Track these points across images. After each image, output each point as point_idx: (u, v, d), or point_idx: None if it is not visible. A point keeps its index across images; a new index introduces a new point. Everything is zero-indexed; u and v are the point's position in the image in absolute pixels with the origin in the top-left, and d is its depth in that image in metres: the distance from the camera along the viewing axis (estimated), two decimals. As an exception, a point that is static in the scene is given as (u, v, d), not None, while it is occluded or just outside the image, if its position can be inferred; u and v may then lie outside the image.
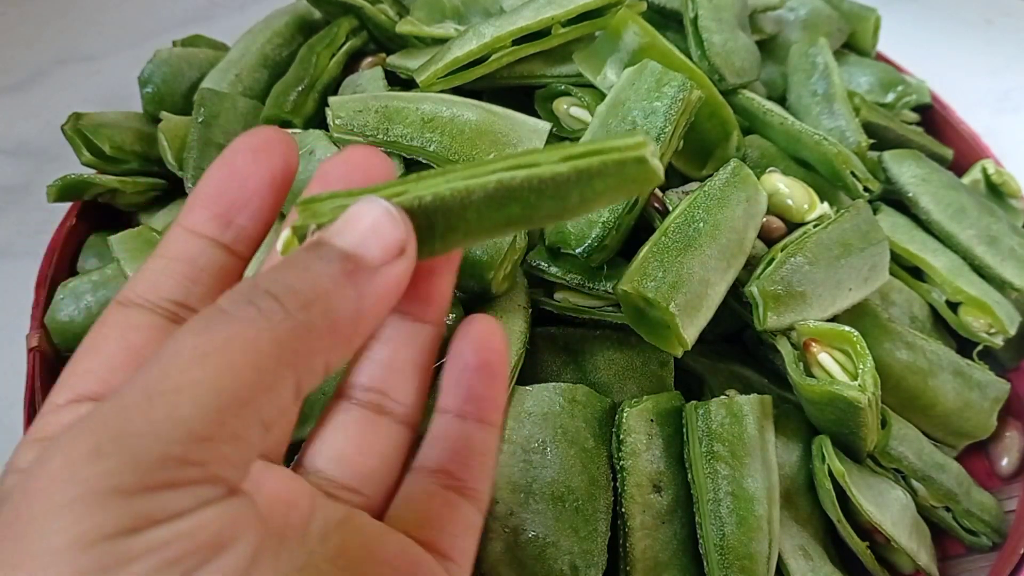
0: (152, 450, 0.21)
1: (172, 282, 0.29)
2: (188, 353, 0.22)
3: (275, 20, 0.75)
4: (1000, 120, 1.01)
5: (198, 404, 0.21)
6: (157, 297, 0.28)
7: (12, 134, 0.93)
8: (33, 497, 0.20)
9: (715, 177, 0.54)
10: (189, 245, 0.29)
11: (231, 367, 0.22)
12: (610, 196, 0.29)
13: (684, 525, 0.49)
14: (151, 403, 0.21)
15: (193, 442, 0.21)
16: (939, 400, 0.58)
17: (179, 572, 0.21)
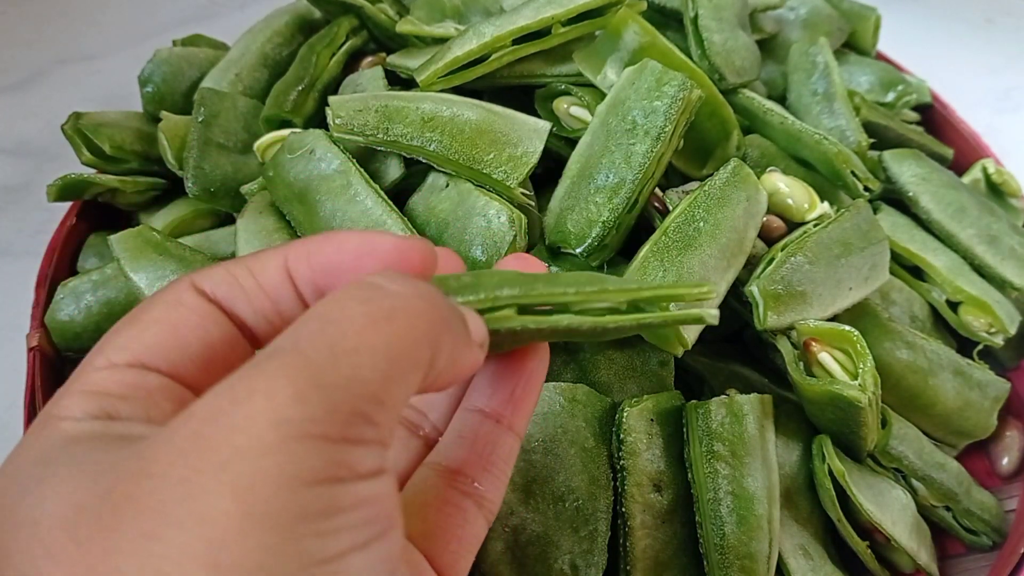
0: (346, 403, 0.21)
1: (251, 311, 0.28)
2: (361, 318, 0.23)
3: (275, 19, 0.75)
4: (1000, 119, 1.01)
5: (376, 368, 0.22)
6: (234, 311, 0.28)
7: (12, 133, 0.93)
8: (230, 432, 0.20)
9: (715, 177, 0.54)
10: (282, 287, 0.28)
11: (399, 338, 0.23)
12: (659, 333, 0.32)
13: (684, 525, 0.49)
14: (336, 360, 0.22)
15: (374, 403, 0.22)
16: (939, 399, 0.58)
17: (373, 532, 0.22)
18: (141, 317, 0.27)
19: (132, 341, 0.26)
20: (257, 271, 0.28)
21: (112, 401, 0.25)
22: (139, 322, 0.27)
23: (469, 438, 0.33)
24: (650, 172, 0.53)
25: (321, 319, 0.23)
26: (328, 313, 0.23)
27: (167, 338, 0.26)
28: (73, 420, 0.24)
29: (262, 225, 0.57)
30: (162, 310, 0.27)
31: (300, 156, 0.56)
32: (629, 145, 0.53)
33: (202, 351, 0.27)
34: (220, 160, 0.63)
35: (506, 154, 0.54)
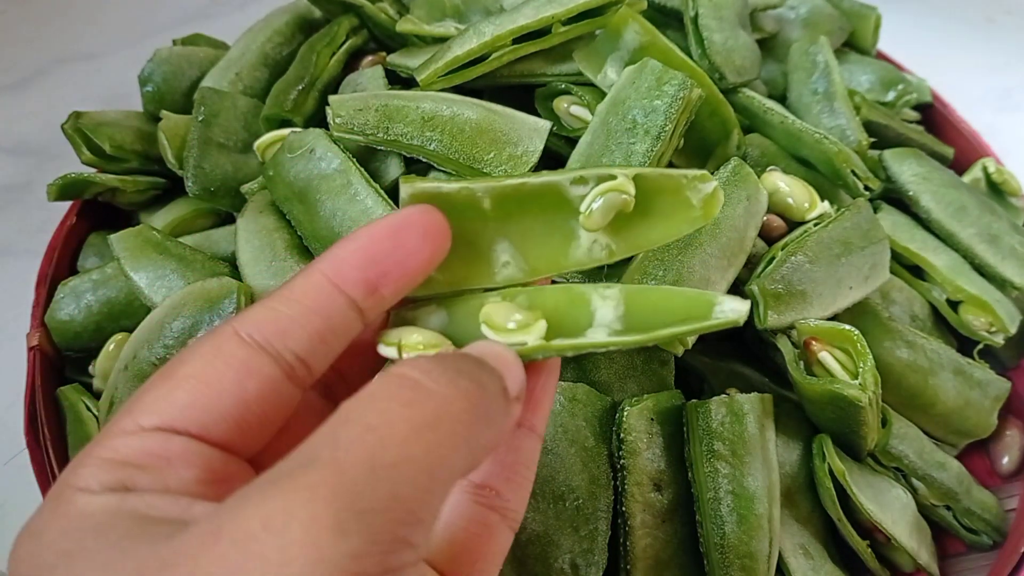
0: (386, 531, 0.21)
1: (304, 335, 0.27)
2: (401, 427, 0.23)
3: (275, 19, 0.75)
4: (1001, 118, 1.01)
5: (416, 484, 0.22)
6: (284, 347, 0.27)
7: (12, 133, 0.93)
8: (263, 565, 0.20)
9: (716, 175, 0.54)
10: (331, 300, 0.28)
11: (440, 448, 0.23)
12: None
13: (684, 524, 0.49)
14: (375, 477, 0.21)
15: (413, 524, 0.22)
16: (940, 399, 0.58)
17: None
18: (176, 372, 0.26)
19: (162, 401, 0.25)
20: (299, 295, 0.28)
21: (130, 472, 0.24)
22: (172, 378, 0.26)
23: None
24: None
25: (361, 424, 0.23)
26: (368, 417, 0.23)
27: (199, 397, 0.25)
28: (89, 494, 0.24)
29: (262, 224, 0.57)
30: (198, 364, 0.26)
31: (300, 155, 0.56)
32: (629, 144, 0.53)
33: (236, 407, 0.26)
34: (220, 159, 0.63)
35: (506, 153, 0.54)
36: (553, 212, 0.34)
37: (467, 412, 0.24)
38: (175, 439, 0.25)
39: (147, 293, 0.56)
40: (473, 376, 0.26)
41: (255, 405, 0.26)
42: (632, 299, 0.32)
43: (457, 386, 0.25)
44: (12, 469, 0.65)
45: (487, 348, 0.29)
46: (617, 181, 0.33)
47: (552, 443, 0.48)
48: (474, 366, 0.26)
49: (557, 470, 0.47)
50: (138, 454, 0.24)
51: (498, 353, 0.29)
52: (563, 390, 0.50)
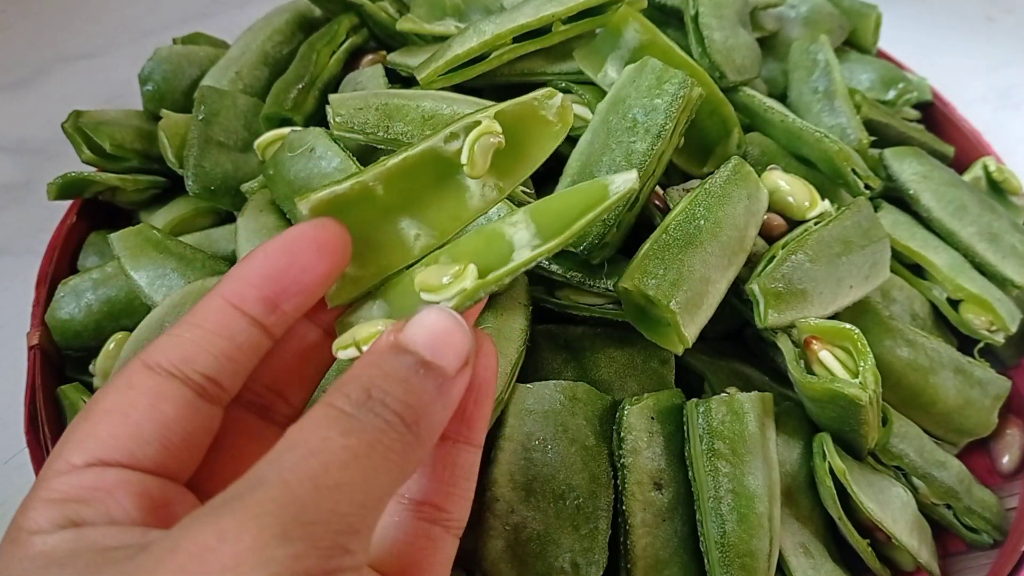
0: (326, 539, 0.23)
1: (210, 358, 0.29)
2: (341, 453, 0.25)
3: (275, 18, 0.75)
4: (1001, 117, 1.01)
5: (353, 502, 0.24)
6: (191, 370, 0.28)
7: (13, 132, 0.93)
8: (220, 571, 0.22)
9: (716, 174, 0.54)
10: (232, 321, 0.30)
11: (375, 471, 0.25)
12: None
13: (685, 522, 0.49)
14: (318, 496, 0.24)
15: (351, 534, 0.24)
16: (940, 398, 0.58)
17: None
18: (93, 409, 0.28)
19: (87, 438, 0.27)
20: (201, 320, 0.29)
21: (74, 507, 0.26)
22: (92, 415, 0.27)
23: (428, 465, 0.33)
24: (651, 170, 0.53)
25: (304, 449, 0.25)
26: (310, 443, 0.25)
27: (120, 427, 0.27)
28: (43, 534, 0.25)
29: (262, 223, 0.57)
30: (112, 399, 0.28)
31: (300, 154, 0.56)
32: (630, 143, 0.53)
33: (157, 431, 0.27)
34: (220, 158, 0.63)
35: (507, 151, 0.54)
36: (439, 174, 0.36)
37: (397, 441, 0.26)
38: (108, 471, 0.26)
39: (147, 292, 0.56)
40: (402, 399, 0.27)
41: (175, 426, 0.28)
42: (538, 214, 0.34)
43: (387, 420, 0.26)
44: (12, 468, 0.65)
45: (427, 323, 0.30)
46: (483, 125, 0.35)
47: (552, 442, 0.48)
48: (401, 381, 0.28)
49: (557, 469, 0.47)
50: (78, 490, 0.26)
51: (437, 328, 0.29)
52: (563, 389, 0.50)
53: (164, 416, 0.28)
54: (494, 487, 0.46)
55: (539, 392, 0.50)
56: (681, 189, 0.56)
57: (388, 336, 0.29)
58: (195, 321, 0.29)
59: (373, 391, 0.27)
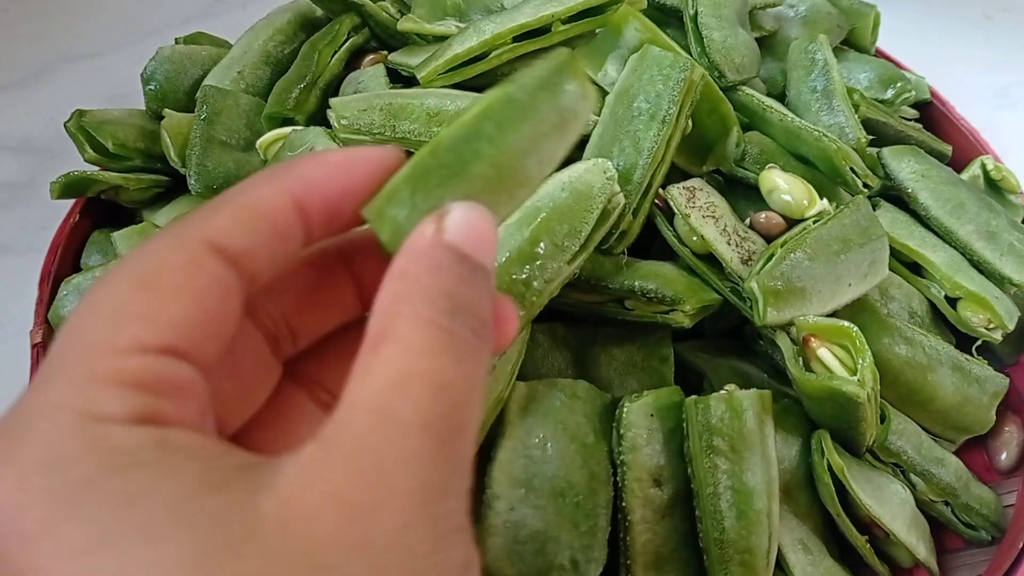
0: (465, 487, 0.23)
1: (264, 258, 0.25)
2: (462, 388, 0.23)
3: (277, 17, 0.75)
4: (999, 116, 1.01)
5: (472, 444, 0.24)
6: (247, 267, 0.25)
7: (16, 131, 0.93)
8: (387, 524, 0.21)
9: (533, 70, 0.49)
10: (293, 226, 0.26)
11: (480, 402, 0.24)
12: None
13: (684, 519, 0.49)
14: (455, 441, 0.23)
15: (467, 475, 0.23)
16: (938, 395, 0.59)
17: None
18: (158, 284, 0.23)
19: (158, 317, 0.23)
20: (267, 212, 0.26)
21: (153, 401, 0.22)
22: (158, 291, 0.23)
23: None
24: (659, 155, 0.54)
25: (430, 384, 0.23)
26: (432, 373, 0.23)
27: (193, 314, 0.23)
28: (121, 425, 0.21)
29: (264, 222, 0.58)
30: (182, 277, 0.23)
31: (300, 153, 0.56)
32: (637, 131, 0.54)
33: (223, 329, 0.24)
34: (223, 157, 0.63)
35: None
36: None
37: (485, 360, 0.25)
38: (183, 366, 0.23)
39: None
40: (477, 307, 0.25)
41: (231, 323, 0.25)
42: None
43: (477, 335, 0.25)
44: (16, 466, 0.65)
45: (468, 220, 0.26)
46: None
47: (552, 439, 0.48)
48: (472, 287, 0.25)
49: (557, 466, 0.47)
50: (157, 381, 0.22)
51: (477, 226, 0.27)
52: (563, 387, 0.50)
53: (232, 314, 0.24)
54: (493, 485, 0.46)
55: (539, 390, 0.50)
56: (682, 188, 0.56)
57: (434, 233, 0.26)
58: (261, 211, 0.25)
59: (458, 299, 0.25)
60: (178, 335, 0.23)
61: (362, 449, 0.21)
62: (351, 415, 0.22)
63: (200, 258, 0.24)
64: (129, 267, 0.24)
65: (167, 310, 0.23)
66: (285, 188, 0.26)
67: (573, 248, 0.48)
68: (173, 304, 0.23)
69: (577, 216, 0.49)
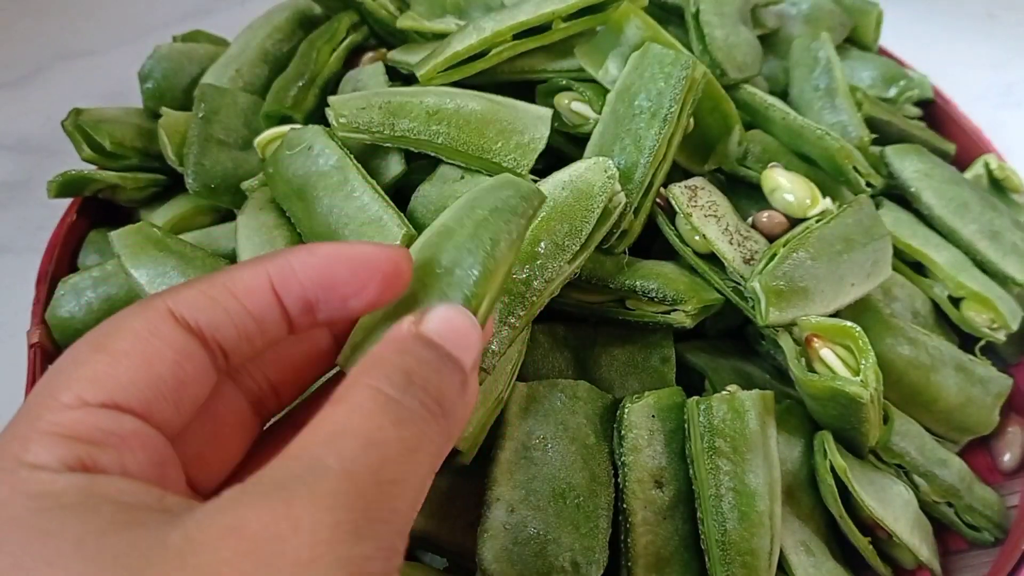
0: (388, 539, 0.23)
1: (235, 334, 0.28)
2: (397, 446, 0.24)
3: (275, 15, 0.75)
4: (1003, 114, 1.00)
5: (406, 499, 0.24)
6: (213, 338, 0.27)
7: (13, 130, 0.93)
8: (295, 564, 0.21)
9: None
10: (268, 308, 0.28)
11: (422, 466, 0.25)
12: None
13: (686, 521, 0.49)
14: (380, 491, 0.23)
15: (404, 535, 0.24)
16: (941, 396, 0.58)
17: None
18: (110, 347, 0.25)
19: (104, 376, 0.25)
20: (241, 293, 0.28)
21: (88, 449, 0.23)
22: (109, 352, 0.25)
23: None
24: (661, 154, 0.53)
25: (361, 438, 0.24)
26: (366, 431, 0.24)
27: (141, 375, 0.25)
28: (48, 472, 0.23)
29: (262, 221, 0.57)
30: (134, 342, 0.26)
31: (299, 152, 0.56)
32: (638, 129, 0.53)
33: (176, 389, 0.26)
34: (220, 156, 0.63)
35: (513, 142, 0.54)
36: None
37: (439, 434, 0.26)
38: (126, 418, 0.24)
39: (147, 290, 0.56)
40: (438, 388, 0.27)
41: (191, 388, 0.26)
42: None
43: (430, 409, 0.26)
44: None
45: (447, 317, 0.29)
46: None
47: (553, 440, 0.48)
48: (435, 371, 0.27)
49: (558, 468, 0.47)
50: (93, 431, 0.24)
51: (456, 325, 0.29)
52: (564, 388, 0.50)
53: (186, 376, 0.26)
54: (494, 486, 0.46)
55: (539, 391, 0.50)
56: (684, 187, 0.56)
57: (410, 326, 0.28)
58: (235, 291, 0.28)
59: (414, 377, 0.26)
60: (122, 393, 0.24)
61: (276, 489, 0.22)
62: (280, 463, 0.23)
63: (157, 325, 0.26)
64: (95, 331, 0.26)
65: (113, 370, 0.25)
66: (263, 271, 0.28)
67: (574, 248, 0.48)
68: (120, 364, 0.25)
69: (578, 215, 0.48)
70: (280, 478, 0.23)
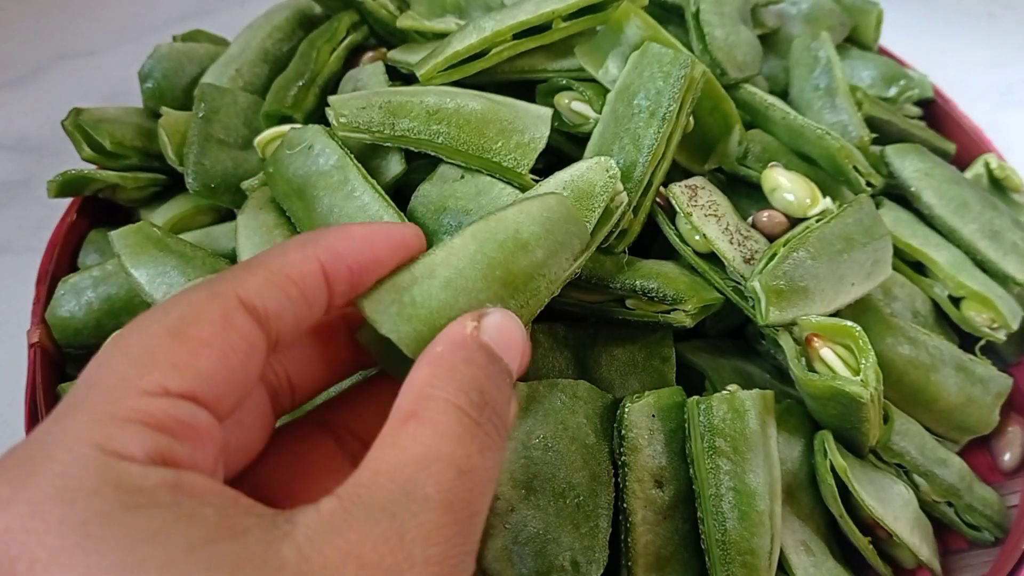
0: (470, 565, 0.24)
1: (292, 321, 0.28)
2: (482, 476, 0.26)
3: (275, 15, 0.74)
4: (1003, 114, 1.00)
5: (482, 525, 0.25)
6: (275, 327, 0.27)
7: (13, 129, 0.93)
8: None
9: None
10: (320, 293, 0.29)
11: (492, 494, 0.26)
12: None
13: (686, 520, 0.49)
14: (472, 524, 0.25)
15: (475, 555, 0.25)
16: (941, 395, 0.58)
17: None
18: (190, 334, 0.25)
19: (185, 365, 0.24)
20: (297, 278, 0.28)
21: (169, 442, 0.23)
22: (189, 341, 0.25)
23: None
24: (659, 153, 0.53)
25: (454, 467, 0.25)
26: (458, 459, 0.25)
27: (219, 367, 0.25)
28: (137, 464, 0.22)
29: (262, 221, 0.57)
30: (213, 330, 0.25)
31: (299, 152, 0.56)
32: (637, 128, 0.53)
33: (244, 384, 0.26)
34: (220, 156, 0.63)
35: (514, 141, 0.54)
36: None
37: (502, 453, 0.27)
38: (201, 412, 0.24)
39: (147, 290, 0.56)
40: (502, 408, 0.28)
41: (252, 383, 0.26)
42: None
43: (499, 432, 0.27)
44: (13, 466, 0.64)
45: (503, 326, 0.30)
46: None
47: (553, 440, 0.48)
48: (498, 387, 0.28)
49: (558, 467, 0.47)
50: (175, 423, 0.23)
51: (510, 333, 0.30)
52: (564, 387, 0.50)
53: (254, 370, 0.26)
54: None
55: (539, 390, 0.50)
56: (684, 186, 0.56)
57: (472, 331, 0.29)
58: (292, 278, 0.28)
59: (487, 396, 0.27)
60: (202, 384, 0.24)
61: (384, 515, 0.23)
62: (375, 480, 0.24)
63: (232, 315, 0.26)
64: (164, 313, 0.25)
65: (195, 360, 0.24)
66: (314, 255, 0.28)
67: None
68: (201, 355, 0.24)
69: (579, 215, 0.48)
70: (384, 502, 0.23)
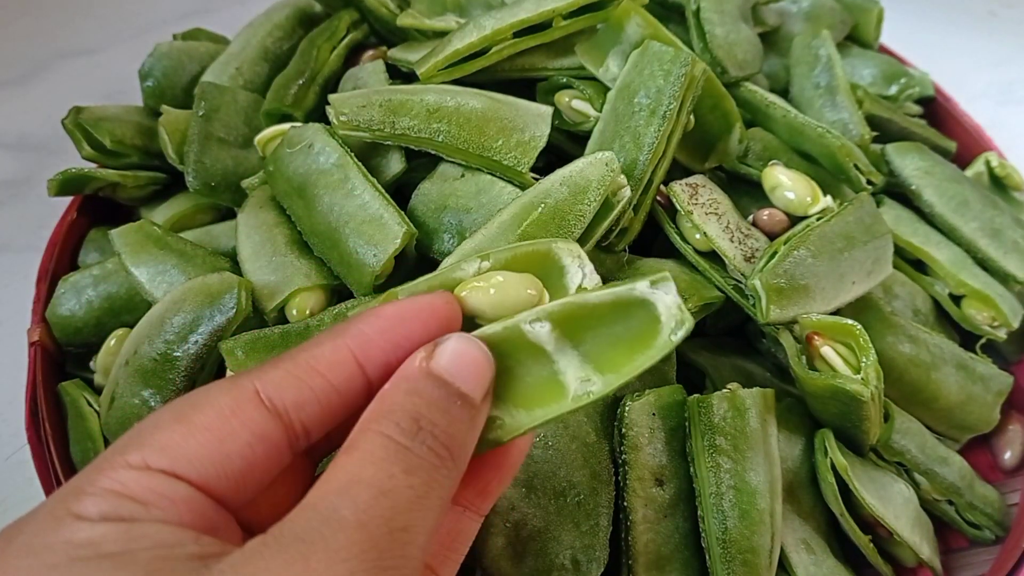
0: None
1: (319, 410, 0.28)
2: (407, 493, 0.26)
3: (276, 13, 0.74)
4: (1003, 112, 1.00)
5: (417, 544, 0.25)
6: (296, 418, 0.28)
7: (13, 128, 0.93)
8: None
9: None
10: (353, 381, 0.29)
11: (432, 510, 0.26)
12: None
13: (686, 519, 0.49)
14: (392, 539, 0.25)
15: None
16: (942, 393, 0.58)
17: None
18: (191, 418, 0.27)
19: (175, 447, 0.26)
20: (324, 368, 0.29)
21: (130, 505, 0.25)
22: (188, 424, 0.27)
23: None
24: (660, 151, 0.53)
25: (374, 487, 0.25)
26: (378, 481, 0.25)
27: (211, 452, 0.26)
28: (89, 522, 0.24)
29: (262, 219, 0.57)
30: (214, 417, 0.27)
31: (299, 150, 0.56)
32: (637, 127, 0.53)
33: (242, 469, 0.27)
34: (221, 154, 0.63)
35: (514, 139, 0.54)
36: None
37: (446, 478, 0.27)
38: (179, 485, 0.26)
39: (148, 288, 0.56)
40: (446, 431, 0.28)
41: (258, 469, 0.27)
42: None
43: (438, 454, 0.27)
44: (13, 465, 0.65)
45: (457, 351, 0.30)
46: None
47: (553, 439, 0.48)
48: (443, 412, 0.28)
49: (558, 466, 0.47)
50: (145, 492, 0.25)
51: (467, 358, 0.30)
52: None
53: (255, 457, 0.27)
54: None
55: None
56: (684, 184, 0.56)
57: (420, 362, 0.29)
58: (319, 368, 0.29)
59: (422, 422, 0.27)
60: (187, 465, 0.26)
61: (294, 542, 0.24)
62: (300, 513, 0.25)
63: (242, 405, 0.27)
64: (185, 399, 0.28)
65: (185, 442, 0.26)
66: (343, 344, 0.29)
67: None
68: (194, 438, 0.26)
69: (572, 211, 0.49)
70: (299, 530, 0.24)
